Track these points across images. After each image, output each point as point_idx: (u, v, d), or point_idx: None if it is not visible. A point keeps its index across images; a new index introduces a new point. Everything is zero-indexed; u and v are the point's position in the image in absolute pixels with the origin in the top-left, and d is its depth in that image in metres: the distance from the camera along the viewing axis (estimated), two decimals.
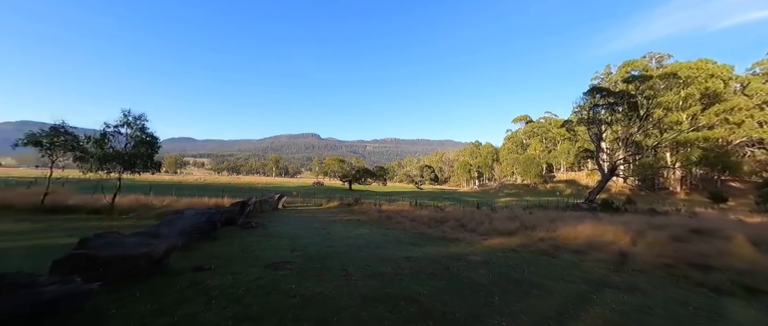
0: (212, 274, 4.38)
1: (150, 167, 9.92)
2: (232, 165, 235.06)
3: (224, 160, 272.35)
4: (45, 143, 8.77)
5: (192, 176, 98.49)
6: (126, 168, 9.61)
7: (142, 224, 7.72)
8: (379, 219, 13.55)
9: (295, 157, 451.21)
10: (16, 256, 4.74)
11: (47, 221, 7.46)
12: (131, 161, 9.40)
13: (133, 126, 9.45)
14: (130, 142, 9.53)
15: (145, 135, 9.71)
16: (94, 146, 9.01)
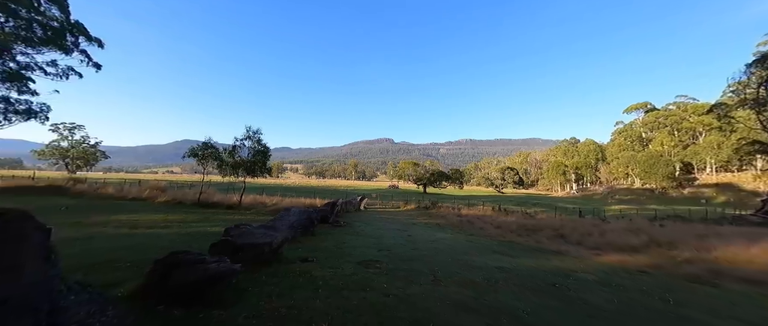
0: (315, 266, 4.95)
1: (264, 172, 12.19)
2: (319, 170, 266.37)
3: (313, 166, 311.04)
4: (199, 155, 11.88)
5: (289, 179, 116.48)
6: (248, 173, 12.06)
7: (261, 219, 9.45)
8: (460, 224, 12.92)
9: (371, 161, 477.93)
10: (187, 237, 6.44)
11: (202, 213, 9.89)
12: (252, 167, 11.77)
13: (253, 139, 11.86)
14: (251, 152, 11.95)
15: (260, 146, 12.01)
16: (228, 156, 11.68)
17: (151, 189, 14.11)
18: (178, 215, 8.85)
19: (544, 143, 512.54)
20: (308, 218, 7.48)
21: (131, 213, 8.70)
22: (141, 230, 6.54)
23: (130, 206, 10.25)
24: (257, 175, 12.05)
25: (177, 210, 9.95)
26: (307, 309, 3.31)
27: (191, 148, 11.82)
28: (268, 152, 12.15)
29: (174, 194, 12.18)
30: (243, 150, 12.07)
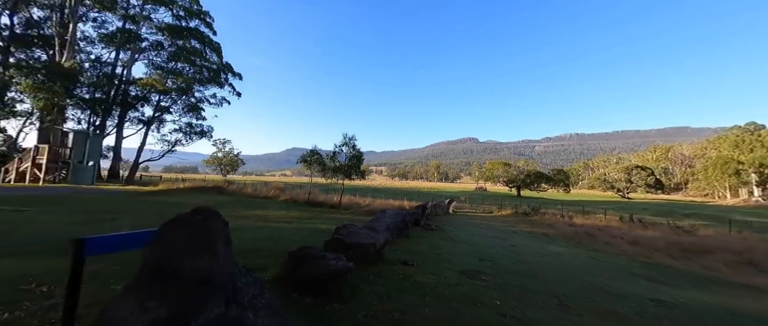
0: (417, 271, 4.89)
1: (358, 175, 13.25)
2: (402, 172, 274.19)
3: (396, 168, 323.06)
4: (308, 160, 13.92)
5: (375, 181, 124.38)
6: (345, 176, 13.36)
7: (359, 218, 10.22)
8: (575, 236, 10.78)
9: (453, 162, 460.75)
10: (305, 232, 7.49)
11: (312, 211, 11.40)
12: (348, 170, 13.00)
13: (348, 145, 13.12)
14: (347, 157, 13.21)
15: (355, 151, 13.16)
16: (330, 161, 13.26)
17: (274, 189, 17.32)
18: (295, 213, 10.48)
19: (694, 133, 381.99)
20: (402, 221, 7.57)
21: (263, 209, 10.79)
22: (271, 224, 7.95)
23: (261, 203, 12.80)
24: (353, 177, 13.22)
25: (294, 208, 11.85)
26: (418, 316, 3.23)
27: (302, 155, 14.06)
28: (361, 156, 13.22)
29: (290, 194, 14.66)
30: (341, 155, 13.50)
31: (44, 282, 3.32)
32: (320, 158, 14.01)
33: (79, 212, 7.58)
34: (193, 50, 28.63)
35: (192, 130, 29.63)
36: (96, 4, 25.14)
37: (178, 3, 29.03)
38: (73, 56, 24.45)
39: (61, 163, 17.68)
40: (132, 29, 26.89)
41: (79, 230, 5.78)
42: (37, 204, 8.25)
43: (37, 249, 4.45)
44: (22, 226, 5.74)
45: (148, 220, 7.39)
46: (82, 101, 24.49)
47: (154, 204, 9.83)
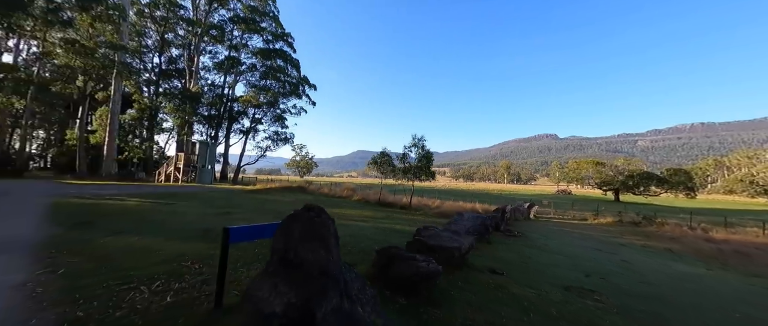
0: (508, 281, 4.46)
1: (429, 176, 13.09)
2: (466, 173, 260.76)
3: (459, 168, 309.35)
4: (378, 162, 14.45)
5: (439, 183, 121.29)
6: (415, 176, 13.37)
7: (432, 220, 10.05)
8: (717, 255, 8.36)
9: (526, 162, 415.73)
10: (382, 232, 7.72)
11: (384, 211, 11.72)
12: (418, 172, 12.96)
13: (418, 146, 13.09)
14: (417, 158, 13.18)
15: (424, 152, 13.04)
16: (400, 162, 13.47)
17: (346, 190, 18.52)
18: (369, 212, 10.95)
19: None
20: (482, 225, 7.08)
21: (340, 208, 11.59)
22: (349, 222, 8.45)
23: (337, 202, 13.82)
24: (423, 178, 13.12)
25: (366, 207, 12.43)
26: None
27: (372, 157, 14.71)
28: (431, 157, 13.03)
29: (362, 194, 15.47)
30: (410, 156, 13.58)
31: (196, 261, 4.21)
32: (389, 160, 14.39)
33: (207, 206, 9.45)
34: (278, 68, 33.09)
35: (278, 137, 34.24)
36: (211, 39, 31.34)
37: (267, 29, 33.94)
38: (197, 83, 31.20)
39: (191, 166, 22.65)
40: (235, 56, 32.60)
41: (209, 220, 7.21)
42: (179, 199, 10.64)
43: (187, 234, 5.69)
44: (173, 216, 7.44)
45: (252, 213, 8.73)
46: (203, 118, 30.91)
47: (255, 201, 11.60)
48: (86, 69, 25.06)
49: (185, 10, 30.89)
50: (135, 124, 29.64)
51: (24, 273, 3.19)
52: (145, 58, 31.32)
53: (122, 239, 4.94)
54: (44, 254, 3.88)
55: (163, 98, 29.06)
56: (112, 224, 5.93)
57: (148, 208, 8.23)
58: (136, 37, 29.26)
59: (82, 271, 3.43)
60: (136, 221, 6.44)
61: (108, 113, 24.68)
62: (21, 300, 2.63)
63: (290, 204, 11.42)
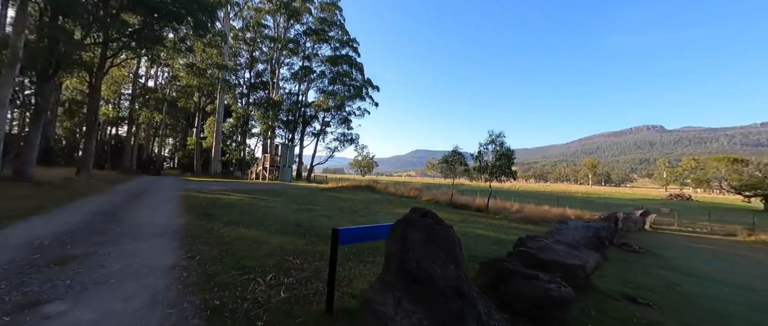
0: (662, 317, 3.38)
1: (509, 176, 11.75)
2: (538, 173, 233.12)
3: (530, 168, 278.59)
4: (449, 161, 13.71)
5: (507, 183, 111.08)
6: (492, 176, 12.18)
7: (517, 226, 8.91)
8: None
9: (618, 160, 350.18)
10: (465, 237, 7.05)
11: (458, 213, 10.95)
12: (496, 171, 11.76)
13: (495, 143, 11.89)
14: (495, 156, 11.99)
15: (503, 149, 11.76)
16: (475, 161, 12.48)
17: (413, 189, 18.21)
18: (444, 214, 10.33)
19: None
20: (596, 236, 5.79)
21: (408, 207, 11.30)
22: None
23: (407, 202, 13.58)
24: (502, 178, 11.85)
25: (438, 209, 11.85)
26: None
27: (443, 156, 14.03)
28: (511, 155, 11.66)
29: (430, 194, 14.95)
30: (487, 154, 12.45)
31: (296, 256, 4.40)
32: (460, 159, 13.48)
33: (292, 202, 10.28)
34: (344, 73, 35.02)
35: (345, 138, 36.28)
36: (288, 52, 35.01)
37: (334, 38, 36.24)
38: (277, 92, 35.40)
39: (275, 166, 25.65)
40: (308, 65, 35.76)
41: (297, 215, 7.74)
42: (270, 195, 11.90)
43: (282, 228, 6.14)
44: (268, 210, 8.21)
45: (331, 210, 9.08)
46: (282, 123, 34.85)
47: (331, 198, 12.22)
48: (200, 87, 30.81)
49: (268, 29, 35.29)
50: (233, 130, 35.30)
51: (173, 257, 3.73)
52: (238, 74, 36.95)
53: (234, 230, 5.55)
54: (184, 240, 4.55)
55: (253, 107, 33.81)
56: (225, 216, 6.83)
57: (248, 202, 9.38)
58: (232, 57, 34.63)
59: (211, 258, 3.85)
60: (241, 213, 7.31)
61: (214, 122, 29.86)
62: (173, 282, 3.01)
63: (363, 203, 11.69)
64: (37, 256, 3.31)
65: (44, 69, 9.70)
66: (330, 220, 7.39)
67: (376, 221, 7.77)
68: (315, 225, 6.53)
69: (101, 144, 30.04)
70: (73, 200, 7.56)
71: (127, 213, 6.28)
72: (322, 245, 4.98)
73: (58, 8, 9.69)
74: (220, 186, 14.94)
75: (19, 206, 6.20)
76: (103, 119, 28.84)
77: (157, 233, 4.79)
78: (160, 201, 8.45)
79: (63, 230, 4.47)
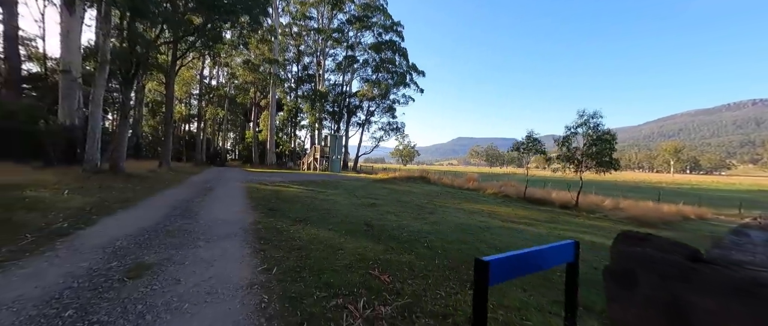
0: None
1: (611, 166, 9.58)
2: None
3: None
4: (521, 149, 11.88)
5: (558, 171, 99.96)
6: (579, 165, 10.12)
7: (623, 228, 7.07)
8: None
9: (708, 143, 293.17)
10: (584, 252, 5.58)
11: (540, 211, 9.29)
12: (591, 159, 9.69)
13: (588, 125, 9.75)
14: (588, 141, 9.88)
15: (598, 133, 9.58)
16: (561, 147, 10.50)
17: (469, 180, 16.63)
18: (522, 211, 8.86)
19: None
20: None
21: (480, 203, 9.96)
22: (513, 225, 6.70)
23: (470, 195, 12.23)
24: (599, 169, 9.71)
25: (513, 204, 10.32)
26: None
27: (514, 144, 12.22)
28: (612, 140, 9.41)
29: (496, 187, 13.31)
30: (576, 139, 10.36)
31: (383, 270, 3.58)
32: (537, 145, 11.52)
33: (351, 196, 9.73)
34: (388, 60, 33.86)
35: (390, 127, 35.51)
36: (333, 42, 34.95)
37: (378, 23, 35.08)
38: (323, 84, 35.90)
39: (325, 157, 26.06)
40: (351, 54, 35.39)
41: (362, 212, 7.06)
42: (327, 187, 11.59)
43: (352, 228, 5.45)
44: (331, 205, 7.70)
45: (395, 206, 8.23)
46: (328, 114, 35.38)
47: (388, 191, 11.47)
48: (254, 82, 32.53)
49: (313, 20, 35.59)
50: (284, 123, 37.01)
51: (249, 270, 3.18)
52: (287, 68, 38.26)
53: (305, 230, 5.01)
54: (256, 243, 4.07)
55: (301, 100, 34.81)
56: (292, 211, 6.43)
57: (308, 195, 9.07)
58: (281, 52, 35.82)
59: (289, 271, 3.22)
60: (305, 208, 6.88)
61: (268, 116, 31.41)
62: (253, 312, 2.37)
63: (423, 196, 10.71)
64: (114, 264, 3.00)
65: (127, 69, 10.47)
66: (399, 219, 6.55)
67: (446, 221, 6.71)
68: (386, 225, 5.73)
69: (178, 139, 33.90)
70: (154, 192, 7.96)
71: (200, 208, 6.22)
72: (406, 254, 4.12)
73: (136, 12, 10.26)
74: (277, 177, 15.34)
75: (110, 198, 6.56)
76: (178, 116, 32.39)
77: (230, 234, 4.42)
78: (228, 194, 8.53)
79: (141, 229, 4.32)
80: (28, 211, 4.77)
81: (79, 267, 2.85)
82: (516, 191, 12.24)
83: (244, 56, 30.22)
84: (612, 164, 9.33)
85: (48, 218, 4.52)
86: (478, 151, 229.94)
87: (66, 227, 4.09)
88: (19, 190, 6.80)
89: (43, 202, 5.53)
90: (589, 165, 9.71)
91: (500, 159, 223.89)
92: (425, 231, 5.49)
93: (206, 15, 13.96)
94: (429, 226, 5.95)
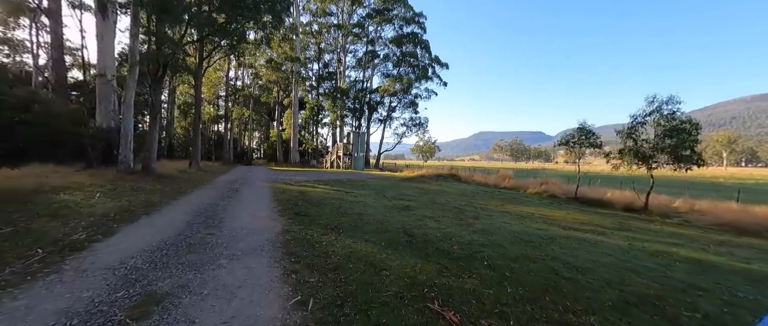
0: None
1: (693, 161, 8.03)
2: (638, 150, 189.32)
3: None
4: (572, 143, 10.50)
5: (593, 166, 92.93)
6: (647, 161, 8.64)
7: (728, 241, 5.72)
8: None
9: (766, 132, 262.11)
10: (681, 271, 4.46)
11: (602, 215, 8.00)
12: (668, 152, 8.19)
13: (660, 112, 8.25)
14: (661, 132, 8.37)
15: (675, 123, 8.06)
16: (626, 139, 9.04)
17: (504, 178, 15.33)
18: (579, 215, 7.66)
19: None
20: None
21: (528, 205, 8.85)
22: (577, 234, 5.62)
23: (511, 195, 11.07)
24: (678, 165, 8.15)
25: (563, 206, 9.09)
26: None
27: (563, 137, 10.83)
28: (695, 129, 7.83)
29: (537, 185, 12.00)
30: (644, 130, 8.85)
31: (442, 302, 2.80)
32: (591, 138, 10.08)
33: (381, 197, 9.01)
34: (410, 53, 32.68)
35: (413, 122, 34.42)
36: (354, 37, 34.35)
37: (398, 16, 33.94)
38: (344, 81, 35.49)
39: (347, 155, 25.65)
40: (372, 49, 34.61)
41: (397, 217, 6.30)
42: (354, 187, 10.96)
43: (391, 239, 4.70)
44: (361, 208, 7.01)
45: (431, 209, 7.38)
46: (349, 110, 34.95)
47: (420, 191, 10.61)
48: (277, 80, 32.81)
49: (333, 16, 35.15)
50: (307, 121, 37.17)
51: (279, 300, 2.53)
52: (308, 67, 38.27)
53: (338, 241, 4.34)
54: (287, 261, 3.44)
55: (323, 97, 34.66)
56: (321, 216, 5.82)
57: (336, 197, 8.48)
58: (302, 51, 35.86)
59: (328, 305, 2.52)
60: (335, 213, 6.25)
61: (291, 115, 31.56)
62: None
63: (460, 197, 9.76)
64: (120, 294, 2.45)
65: (155, 70, 10.43)
66: (440, 225, 5.72)
67: (497, 229, 5.77)
68: (429, 235, 4.93)
69: (207, 139, 35.13)
70: (181, 195, 7.73)
71: (225, 213, 5.78)
72: (466, 277, 3.29)
73: (163, 11, 10.15)
74: (302, 176, 15.02)
75: (137, 202, 6.32)
76: (207, 117, 33.49)
77: (256, 248, 3.84)
78: (254, 196, 8.14)
79: (161, 241, 3.85)
80: (51, 218, 4.51)
81: (80, 298, 2.34)
82: (562, 190, 10.89)
83: (266, 56, 30.48)
84: (693, 159, 7.75)
85: (68, 226, 4.21)
86: (501, 146, 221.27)
87: (83, 239, 3.71)
88: (55, 193, 6.78)
89: (70, 207, 5.33)
90: (662, 161, 8.19)
91: (526, 154, 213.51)
92: (478, 243, 4.62)
93: (230, 13, 13.79)
94: (480, 236, 5.06)
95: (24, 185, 6.85)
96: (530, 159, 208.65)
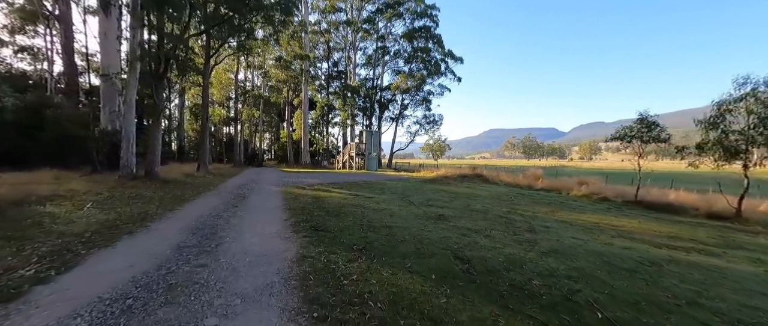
0: None
1: None
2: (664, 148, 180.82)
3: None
4: (628, 137, 9.03)
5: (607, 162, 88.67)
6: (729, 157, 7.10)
7: None
8: None
9: None
10: None
11: (682, 224, 6.57)
12: (760, 147, 6.69)
13: (755, 96, 6.72)
14: (756, 119, 6.83)
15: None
16: (704, 131, 7.54)
17: (533, 177, 13.89)
18: (655, 225, 6.25)
19: None
20: None
21: (582, 212, 7.49)
22: (679, 255, 4.28)
23: (551, 198, 9.67)
24: None
25: (625, 212, 7.65)
26: None
27: (618, 130, 9.37)
28: None
29: (582, 186, 10.53)
30: (735, 119, 7.31)
31: None
32: (656, 130, 8.58)
33: (405, 202, 7.85)
34: (422, 49, 31.32)
35: (426, 120, 33.05)
36: (364, 34, 33.27)
37: (409, 10, 32.62)
38: (354, 79, 34.46)
39: (360, 155, 24.57)
40: (382, 46, 33.44)
41: (432, 228, 5.12)
42: (372, 191, 9.81)
43: (440, 265, 3.52)
44: (388, 218, 5.86)
45: (467, 219, 6.15)
46: (360, 109, 33.89)
47: (449, 195, 9.37)
48: (287, 80, 32.09)
49: (342, 12, 34.15)
50: (317, 122, 36.36)
51: None
52: (317, 66, 37.44)
53: (372, 272, 3.18)
54: (305, 311, 2.30)
55: (333, 96, 33.73)
56: (344, 233, 4.69)
57: (356, 203, 7.36)
58: (312, 49, 35.05)
59: None
60: (360, 227, 5.10)
61: (301, 115, 30.78)
62: None
63: (500, 202, 8.46)
64: None
65: (156, 65, 9.62)
66: (494, 243, 4.49)
67: (570, 248, 4.50)
68: (488, 261, 3.71)
69: (218, 141, 34.77)
70: (181, 204, 6.77)
71: (227, 230, 4.72)
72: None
73: (163, 4, 9.30)
74: (314, 179, 14.03)
75: (126, 215, 5.38)
76: (217, 119, 33.10)
77: (263, 290, 2.71)
78: (262, 205, 7.10)
79: (130, 282, 2.78)
80: (5, 242, 3.55)
81: None
82: (614, 191, 9.40)
83: (275, 54, 29.80)
84: None
85: (21, 255, 3.21)
86: (513, 143, 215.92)
87: (25, 279, 2.68)
88: (40, 204, 5.94)
89: (41, 225, 4.39)
90: (759, 155, 6.67)
91: (539, 151, 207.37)
92: (562, 274, 3.37)
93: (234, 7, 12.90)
94: (556, 261, 3.80)
95: (6, 196, 6.03)
96: (544, 156, 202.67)
